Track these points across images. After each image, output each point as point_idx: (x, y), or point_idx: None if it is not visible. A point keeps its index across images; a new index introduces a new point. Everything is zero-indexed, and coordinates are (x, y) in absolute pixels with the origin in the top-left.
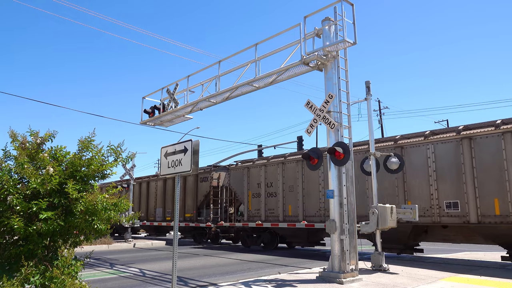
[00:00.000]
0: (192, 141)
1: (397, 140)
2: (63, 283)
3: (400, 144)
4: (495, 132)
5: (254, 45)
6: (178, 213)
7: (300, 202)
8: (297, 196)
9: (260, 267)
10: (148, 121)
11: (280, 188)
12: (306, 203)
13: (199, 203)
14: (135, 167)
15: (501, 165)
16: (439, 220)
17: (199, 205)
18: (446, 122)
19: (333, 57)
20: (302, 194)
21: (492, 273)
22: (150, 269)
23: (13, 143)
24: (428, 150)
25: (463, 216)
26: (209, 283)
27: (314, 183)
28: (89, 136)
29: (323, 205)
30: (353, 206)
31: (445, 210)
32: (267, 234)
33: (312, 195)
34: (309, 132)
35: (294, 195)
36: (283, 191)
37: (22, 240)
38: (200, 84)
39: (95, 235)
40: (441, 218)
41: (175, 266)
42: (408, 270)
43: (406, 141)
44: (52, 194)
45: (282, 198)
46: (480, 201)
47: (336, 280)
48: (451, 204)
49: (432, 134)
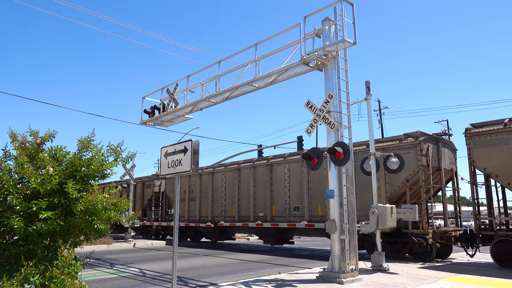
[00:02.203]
0: (192, 141)
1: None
2: (63, 283)
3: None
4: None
5: (254, 45)
6: (179, 213)
7: (209, 205)
8: (208, 201)
9: (260, 267)
10: (148, 121)
11: (198, 194)
12: (214, 206)
13: (144, 206)
14: (135, 167)
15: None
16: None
17: (145, 207)
18: (446, 122)
19: (333, 57)
20: (211, 199)
21: (492, 273)
22: (150, 269)
23: (13, 143)
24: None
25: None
26: (209, 283)
27: (219, 191)
28: (89, 136)
29: (224, 207)
30: (353, 206)
31: (293, 212)
32: (191, 231)
33: (217, 200)
34: (309, 132)
35: (206, 200)
36: (200, 196)
37: (22, 240)
38: (200, 84)
39: (95, 235)
40: (290, 218)
41: (175, 266)
42: (408, 270)
43: (274, 160)
44: (52, 194)
45: (199, 202)
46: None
47: (336, 280)
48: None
49: (289, 155)
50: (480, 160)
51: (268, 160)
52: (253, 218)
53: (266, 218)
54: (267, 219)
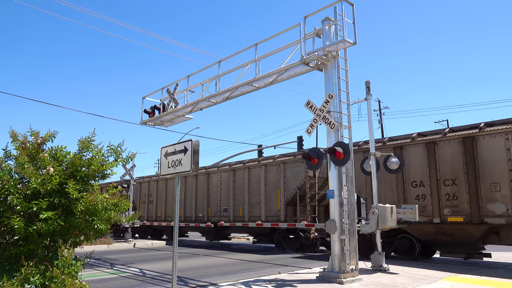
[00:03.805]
0: (192, 141)
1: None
2: (63, 283)
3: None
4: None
5: (254, 45)
6: (178, 213)
7: (163, 207)
8: (162, 203)
9: (260, 267)
10: (148, 121)
11: (155, 197)
12: (166, 209)
13: None
14: (135, 167)
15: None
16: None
17: None
18: (446, 122)
19: (333, 57)
20: (164, 201)
21: (492, 273)
22: (150, 269)
23: (14, 143)
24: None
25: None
26: (209, 283)
27: (170, 195)
28: (89, 136)
29: (171, 209)
30: (353, 206)
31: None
32: (151, 229)
33: (169, 202)
34: (309, 132)
35: (160, 202)
36: (156, 199)
37: (22, 240)
38: (200, 84)
39: (95, 235)
40: (221, 218)
41: (175, 266)
42: (408, 270)
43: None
44: (52, 194)
45: (155, 204)
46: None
47: (336, 280)
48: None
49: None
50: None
51: (206, 169)
52: (194, 218)
53: (203, 218)
54: (204, 220)
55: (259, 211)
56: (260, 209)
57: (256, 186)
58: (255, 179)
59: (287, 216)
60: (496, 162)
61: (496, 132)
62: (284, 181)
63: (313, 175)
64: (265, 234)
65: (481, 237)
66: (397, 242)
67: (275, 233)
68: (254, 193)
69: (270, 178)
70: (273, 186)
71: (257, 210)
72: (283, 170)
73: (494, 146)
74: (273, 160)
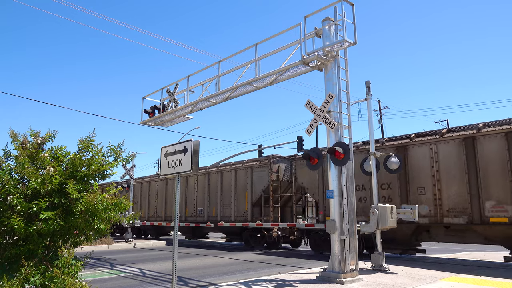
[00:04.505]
0: (192, 141)
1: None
2: (63, 283)
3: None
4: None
5: (254, 45)
6: (178, 213)
7: (147, 207)
8: (146, 204)
9: (260, 267)
10: (148, 121)
11: (139, 198)
12: (149, 209)
13: None
14: (135, 167)
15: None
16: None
17: None
18: (446, 122)
19: (333, 57)
20: (147, 202)
21: (492, 273)
22: (150, 269)
23: (14, 143)
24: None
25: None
26: (209, 283)
27: (153, 195)
28: (89, 136)
29: (154, 209)
30: (353, 206)
31: (198, 213)
32: (135, 229)
33: (152, 203)
34: (309, 132)
35: (144, 203)
36: (140, 200)
37: (22, 240)
38: (200, 84)
39: (95, 235)
40: (197, 218)
41: (175, 266)
42: (408, 270)
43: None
44: (52, 194)
45: (139, 204)
46: (236, 208)
47: (336, 280)
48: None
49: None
50: (299, 177)
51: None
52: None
53: (182, 218)
54: (182, 219)
55: (230, 211)
56: (231, 209)
57: (227, 189)
58: (227, 182)
59: (253, 216)
60: (422, 169)
61: (422, 142)
62: (251, 184)
63: (277, 179)
64: (236, 233)
65: (412, 234)
66: None
67: (244, 232)
68: (226, 195)
69: (240, 181)
70: (242, 189)
71: (228, 211)
72: (250, 174)
73: (421, 154)
74: (242, 165)
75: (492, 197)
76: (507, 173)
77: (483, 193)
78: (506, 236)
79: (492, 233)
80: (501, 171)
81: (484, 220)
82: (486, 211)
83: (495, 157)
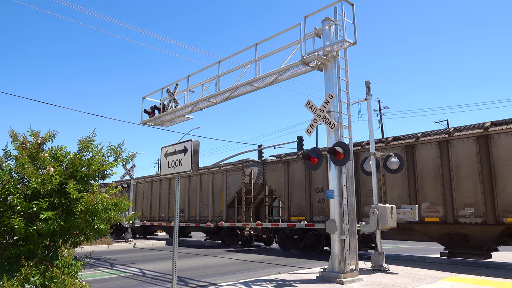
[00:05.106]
0: (192, 141)
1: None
2: (63, 283)
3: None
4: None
5: (254, 45)
6: (178, 213)
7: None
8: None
9: (260, 267)
10: (148, 121)
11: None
12: (136, 209)
13: None
14: (135, 167)
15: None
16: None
17: None
18: (446, 122)
19: (333, 57)
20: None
21: (492, 273)
22: (150, 269)
23: (14, 143)
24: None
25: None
26: (209, 283)
27: (139, 196)
28: (89, 136)
29: (142, 210)
30: (353, 206)
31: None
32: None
33: (140, 203)
34: (309, 132)
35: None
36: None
37: (22, 240)
38: (200, 84)
39: (95, 235)
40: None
41: (175, 266)
42: (408, 270)
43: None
44: (52, 194)
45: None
46: (213, 209)
47: (336, 280)
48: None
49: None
50: (269, 180)
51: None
52: (158, 218)
53: (165, 218)
54: (166, 219)
55: (207, 212)
56: (208, 210)
57: (206, 191)
58: (205, 184)
59: (228, 217)
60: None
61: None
62: (227, 187)
63: (249, 182)
64: (214, 232)
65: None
66: (307, 238)
67: (221, 231)
68: (204, 196)
69: (217, 184)
70: (218, 191)
71: (205, 211)
72: (226, 177)
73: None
74: (219, 168)
75: (427, 199)
76: (439, 177)
77: (420, 196)
78: (439, 233)
79: (428, 231)
80: (434, 175)
81: (421, 219)
82: (422, 211)
83: (429, 162)
